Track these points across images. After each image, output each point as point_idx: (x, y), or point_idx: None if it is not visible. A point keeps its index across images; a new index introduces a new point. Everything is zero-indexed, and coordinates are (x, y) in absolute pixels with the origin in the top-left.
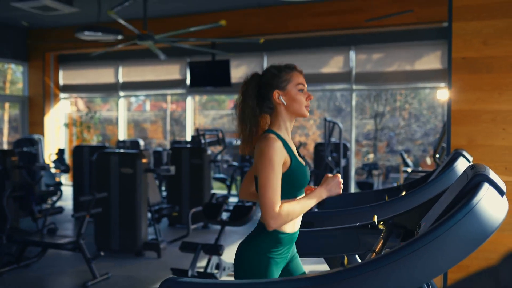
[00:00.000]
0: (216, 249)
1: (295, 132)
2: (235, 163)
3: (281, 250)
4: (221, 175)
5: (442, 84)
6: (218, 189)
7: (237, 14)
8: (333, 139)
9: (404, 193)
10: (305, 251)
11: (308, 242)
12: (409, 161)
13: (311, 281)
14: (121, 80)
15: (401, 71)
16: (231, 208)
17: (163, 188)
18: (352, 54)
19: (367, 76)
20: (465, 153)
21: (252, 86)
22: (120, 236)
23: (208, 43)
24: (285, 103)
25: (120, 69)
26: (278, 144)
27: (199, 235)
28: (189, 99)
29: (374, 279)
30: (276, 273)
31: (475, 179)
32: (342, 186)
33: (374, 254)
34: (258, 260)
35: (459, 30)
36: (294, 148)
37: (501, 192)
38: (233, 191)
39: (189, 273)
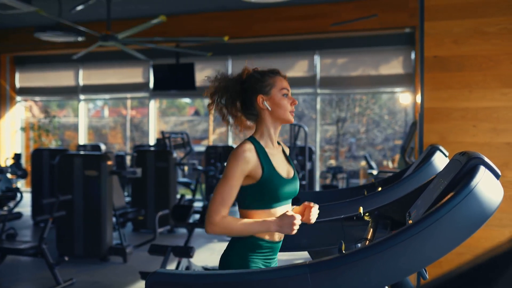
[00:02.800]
0: (186, 251)
1: None
2: (200, 167)
3: (260, 257)
4: (186, 180)
5: (405, 89)
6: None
7: (202, 17)
8: (298, 143)
9: (380, 189)
10: (289, 245)
11: (291, 236)
12: (373, 163)
13: (310, 268)
14: (81, 83)
15: (365, 76)
16: (199, 210)
17: (126, 193)
18: (317, 59)
19: (331, 80)
20: (441, 148)
21: (234, 83)
22: (84, 240)
23: (172, 44)
24: (269, 109)
25: (81, 72)
26: (245, 155)
27: (165, 239)
28: (152, 103)
29: (374, 264)
30: None
31: (470, 163)
32: (295, 228)
33: (368, 242)
34: (238, 266)
35: (431, 29)
36: (277, 157)
37: (496, 175)
38: (198, 196)
39: None
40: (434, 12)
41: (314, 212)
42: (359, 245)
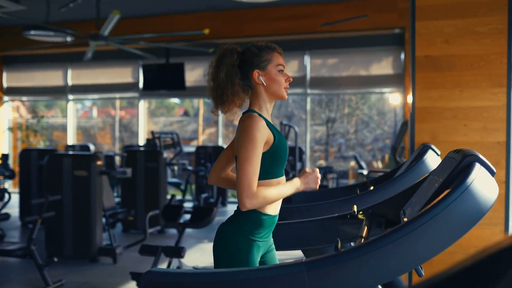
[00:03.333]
0: (177, 252)
1: None
2: (190, 168)
3: (262, 233)
4: (175, 180)
5: (395, 89)
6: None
7: (193, 17)
8: (288, 143)
9: (372, 188)
10: (282, 244)
11: (285, 235)
12: (363, 163)
13: (306, 266)
14: (70, 83)
15: (355, 76)
16: (190, 210)
17: (115, 193)
18: (307, 59)
19: (321, 80)
20: (433, 147)
21: (231, 57)
22: (74, 241)
23: (161, 46)
24: (264, 84)
25: (69, 72)
26: (262, 123)
27: (156, 240)
28: (141, 103)
29: (371, 261)
30: (257, 257)
31: (466, 160)
32: (319, 182)
33: (363, 240)
34: (240, 242)
35: (422, 29)
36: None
37: (491, 172)
38: (188, 196)
39: None
40: (426, 12)
41: (319, 174)
42: (353, 243)
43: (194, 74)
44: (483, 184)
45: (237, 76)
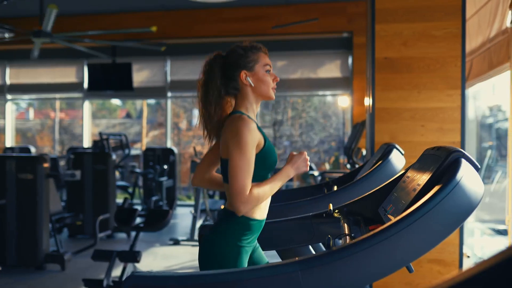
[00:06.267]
0: (133, 256)
1: (190, 142)
2: (138, 170)
3: (250, 238)
4: (122, 183)
5: (342, 92)
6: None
7: (141, 16)
8: None
9: (335, 188)
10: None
11: (261, 236)
12: (313, 165)
13: (300, 265)
14: (8, 82)
15: (304, 79)
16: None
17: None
18: None
19: None
20: (397, 146)
21: (216, 66)
22: (18, 248)
23: (108, 45)
24: (252, 84)
25: (8, 70)
26: (253, 126)
27: (105, 245)
28: (86, 104)
29: (368, 258)
30: (246, 262)
31: (452, 156)
32: (308, 163)
33: (349, 237)
34: (228, 250)
35: (381, 31)
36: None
37: (476, 168)
38: (136, 200)
39: (105, 283)
40: (385, 14)
41: (307, 156)
42: (340, 241)
43: (142, 75)
44: (471, 179)
45: (223, 86)
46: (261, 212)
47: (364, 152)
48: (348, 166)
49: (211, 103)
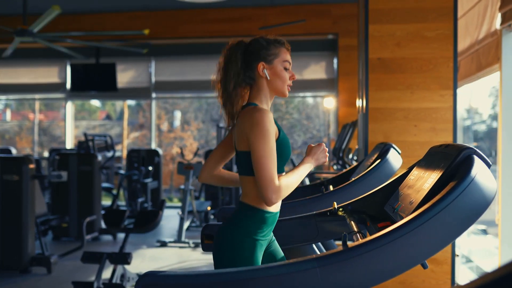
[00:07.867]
0: (123, 258)
1: (172, 143)
2: (122, 172)
3: (265, 231)
4: (106, 184)
5: (327, 93)
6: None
7: (125, 16)
8: None
9: (331, 187)
10: None
11: None
12: None
13: (318, 262)
14: None
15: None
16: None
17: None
18: None
19: None
20: (394, 146)
21: (238, 50)
22: (2, 251)
23: (91, 46)
24: (268, 78)
25: None
26: (271, 116)
27: (92, 247)
28: (69, 105)
29: (383, 255)
30: (260, 256)
31: (464, 153)
32: (327, 154)
33: (360, 235)
34: (244, 243)
35: (375, 32)
36: None
37: (488, 164)
38: (121, 201)
39: (95, 285)
40: (379, 15)
41: (325, 147)
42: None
43: (127, 75)
44: (484, 175)
45: (242, 69)
46: (276, 205)
47: (351, 155)
48: (335, 167)
49: (231, 82)
